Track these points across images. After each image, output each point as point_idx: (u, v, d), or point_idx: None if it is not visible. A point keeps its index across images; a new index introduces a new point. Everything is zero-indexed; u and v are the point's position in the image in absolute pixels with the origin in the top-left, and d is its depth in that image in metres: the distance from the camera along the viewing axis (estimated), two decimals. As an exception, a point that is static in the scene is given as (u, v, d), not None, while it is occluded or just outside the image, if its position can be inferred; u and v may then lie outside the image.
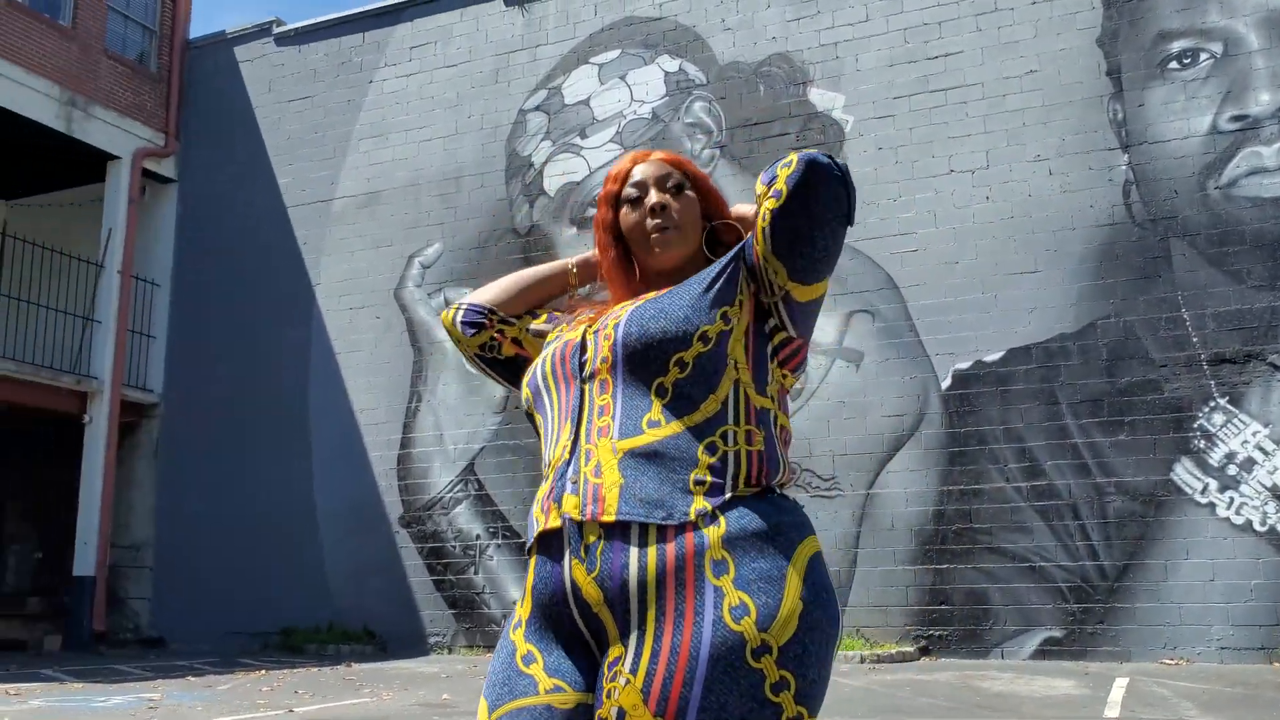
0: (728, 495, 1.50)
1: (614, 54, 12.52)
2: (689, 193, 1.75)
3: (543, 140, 12.63)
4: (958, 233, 10.61)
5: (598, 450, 1.53)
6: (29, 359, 13.46)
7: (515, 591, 11.64)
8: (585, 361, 1.60)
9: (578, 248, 12.18)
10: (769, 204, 1.56)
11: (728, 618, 1.43)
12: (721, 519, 1.48)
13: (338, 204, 13.56)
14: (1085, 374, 9.88)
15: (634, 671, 1.44)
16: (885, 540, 10.27)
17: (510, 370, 1.87)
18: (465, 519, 11.98)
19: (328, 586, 12.36)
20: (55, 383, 13.22)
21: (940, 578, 10.01)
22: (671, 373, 1.53)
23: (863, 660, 9.42)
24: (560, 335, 1.73)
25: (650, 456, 1.50)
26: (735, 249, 1.65)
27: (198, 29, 16.05)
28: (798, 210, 1.54)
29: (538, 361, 1.71)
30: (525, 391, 1.72)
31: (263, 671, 9.68)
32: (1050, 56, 10.59)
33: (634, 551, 1.46)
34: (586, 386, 1.59)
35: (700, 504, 1.48)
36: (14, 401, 13.41)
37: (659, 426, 1.52)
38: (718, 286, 1.59)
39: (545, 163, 12.54)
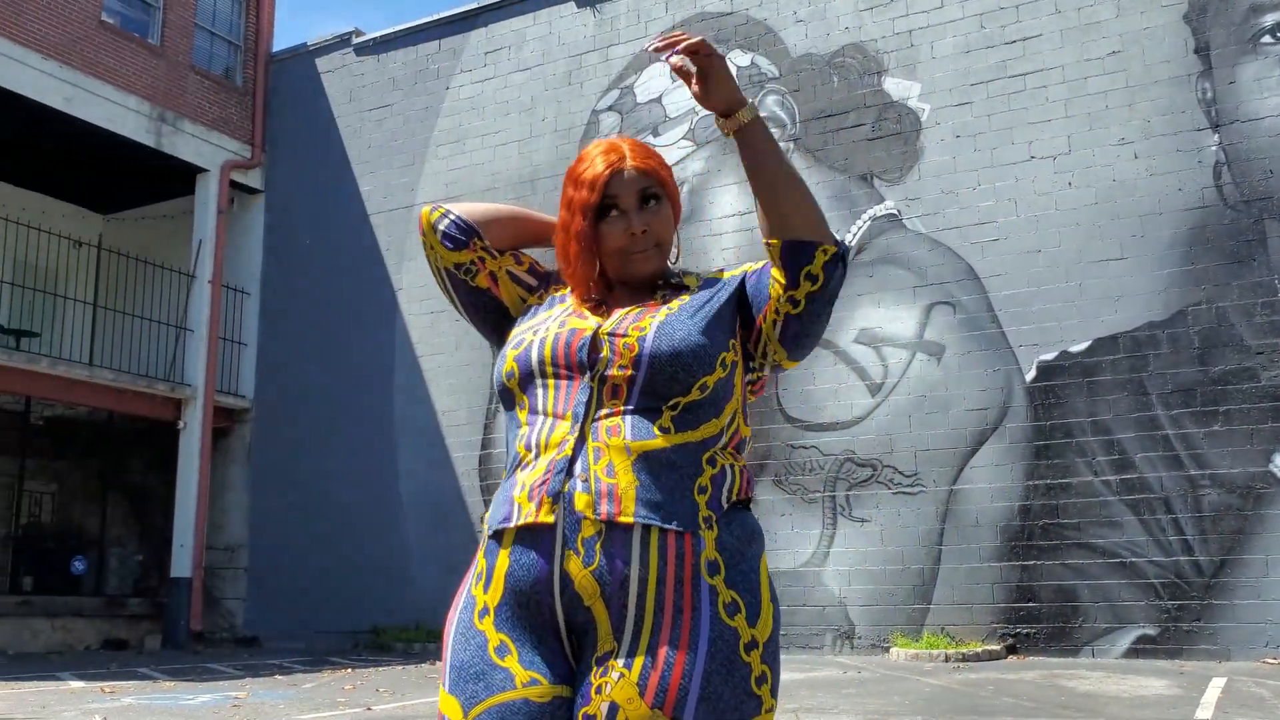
0: (725, 505, 1.57)
1: (686, 51, 12.45)
2: (664, 205, 1.72)
3: (616, 140, 12.62)
4: (1039, 220, 10.33)
5: (609, 450, 1.54)
6: (126, 368, 13.93)
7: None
8: (599, 361, 1.59)
9: (652, 246, 12.15)
10: (788, 306, 1.62)
11: (723, 613, 1.50)
12: (716, 524, 1.55)
13: (418, 209, 13.73)
14: (1176, 363, 9.54)
15: (629, 666, 1.46)
16: (970, 537, 10.06)
17: (474, 300, 1.79)
18: (546, 519, 12.03)
19: (415, 585, 12.55)
20: (151, 390, 13.65)
21: (1027, 574, 9.76)
22: (693, 394, 1.57)
23: (947, 659, 9.24)
24: (554, 317, 1.69)
25: (663, 461, 1.54)
26: (735, 287, 1.70)
27: (281, 42, 16.43)
28: (820, 314, 1.66)
29: (532, 340, 1.65)
30: (512, 365, 1.65)
31: (348, 670, 9.86)
32: (1134, 36, 10.24)
33: (636, 549, 1.49)
34: (596, 386, 1.59)
35: (704, 511, 1.54)
36: (113, 409, 13.90)
37: (669, 434, 1.56)
38: (725, 317, 1.64)
39: (619, 162, 12.53)
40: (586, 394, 1.58)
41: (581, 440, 1.55)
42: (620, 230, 1.67)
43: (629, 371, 1.57)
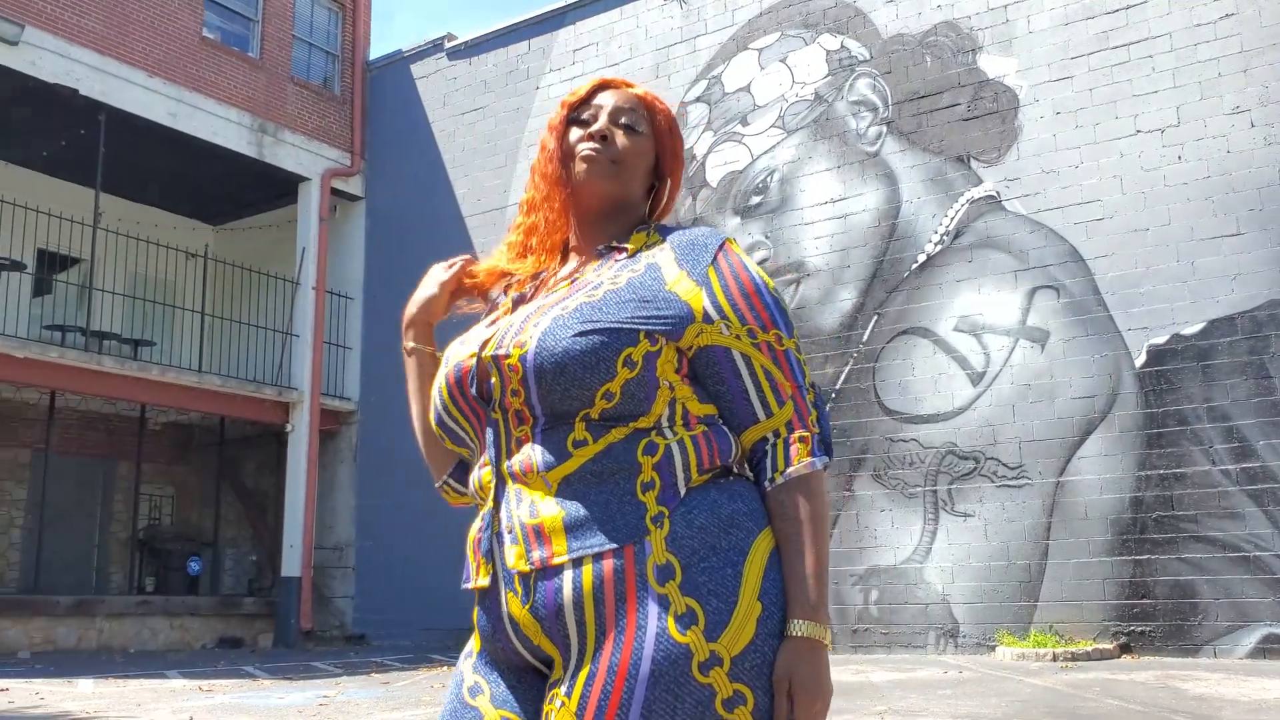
0: (683, 491, 1.34)
1: (773, 37, 12.24)
2: (643, 137, 1.53)
3: (704, 131, 12.48)
4: (1147, 198, 9.81)
5: (529, 488, 1.36)
6: (235, 373, 14.33)
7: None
8: (493, 390, 1.40)
9: (741, 238, 11.97)
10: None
11: (673, 628, 1.27)
12: (666, 518, 1.31)
13: (510, 210, 13.81)
14: (1300, 343, 8.94)
15: (569, 694, 1.29)
16: (1079, 530, 9.60)
17: None
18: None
19: (513, 585, 12.57)
20: (259, 395, 14.01)
21: (1141, 569, 9.27)
22: (598, 405, 1.34)
23: (1055, 658, 8.83)
24: (459, 343, 1.52)
25: (586, 478, 1.33)
26: (666, 296, 1.40)
27: (376, 50, 16.69)
28: None
29: (437, 382, 1.49)
30: (434, 426, 1.51)
31: (444, 667, 9.93)
32: (1247, -3, 9.64)
33: (568, 573, 1.31)
34: (499, 418, 1.40)
35: (654, 509, 1.32)
36: (224, 414, 14.31)
37: (586, 445, 1.34)
38: (646, 308, 1.38)
39: (707, 154, 12.39)
40: (493, 429, 1.41)
41: (501, 483, 1.39)
42: (581, 134, 1.53)
43: (522, 395, 1.37)
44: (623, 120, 1.52)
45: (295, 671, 9.78)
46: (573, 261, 1.54)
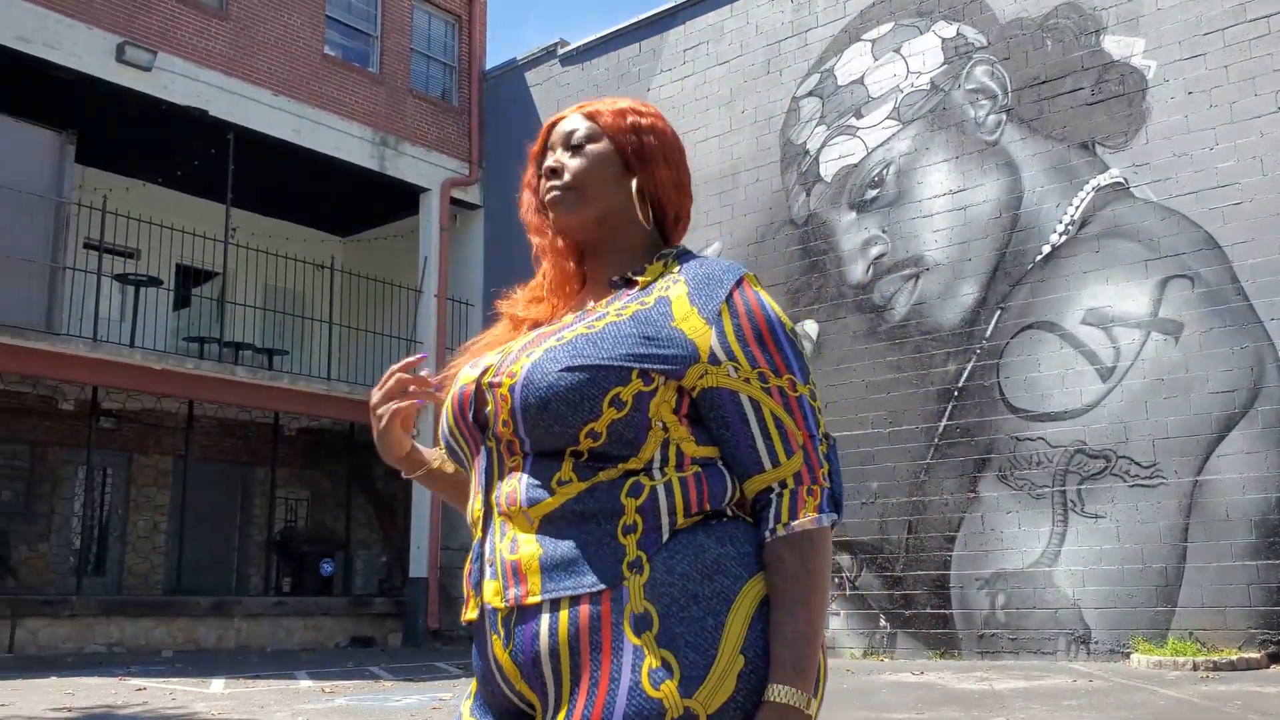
0: (666, 536, 1.25)
1: (887, 27, 11.95)
2: (597, 146, 1.44)
3: (817, 125, 12.27)
4: (1290, 177, 9.22)
5: (512, 522, 1.30)
6: (362, 380, 14.71)
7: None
8: (488, 418, 1.34)
9: (857, 233, 11.73)
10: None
11: (646, 683, 1.18)
12: (646, 563, 1.23)
13: (624, 212, 13.82)
14: None
15: None
16: (1219, 532, 9.08)
17: None
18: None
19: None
20: (384, 401, 14.33)
21: (1289, 574, 8.71)
22: (584, 443, 1.27)
23: (1195, 667, 8.37)
24: (471, 364, 1.46)
25: (567, 517, 1.26)
26: (670, 334, 1.31)
27: (492, 59, 16.93)
28: None
29: (446, 401, 1.44)
30: (441, 445, 1.46)
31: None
32: (1398, -41, 8.98)
33: (545, 621, 1.24)
34: (492, 446, 1.34)
35: (633, 553, 1.24)
36: (352, 420, 14.71)
37: (570, 484, 1.28)
38: (646, 345, 1.29)
39: (821, 148, 12.18)
40: (486, 458, 1.35)
41: (489, 514, 1.34)
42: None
43: (511, 426, 1.30)
44: (571, 142, 1.46)
45: (418, 673, 9.96)
46: (589, 292, 1.48)
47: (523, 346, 1.36)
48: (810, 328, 11.87)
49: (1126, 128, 10.19)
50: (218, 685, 8.86)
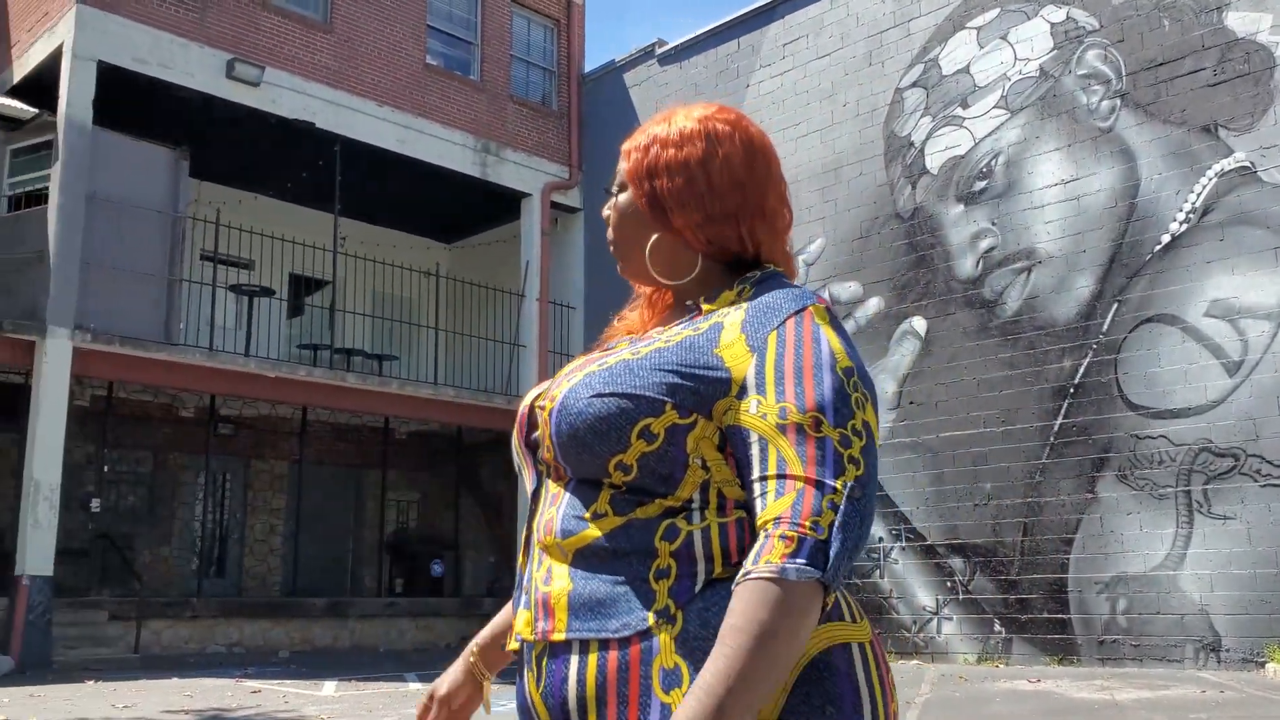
0: (700, 584, 1.14)
1: (992, 13, 11.58)
2: (625, 196, 1.35)
3: (922, 117, 11.96)
4: None
5: (549, 553, 1.22)
6: (467, 384, 14.89)
7: (923, 596, 11.07)
8: (536, 440, 1.28)
9: (965, 226, 11.41)
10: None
11: None
12: (679, 615, 1.13)
13: (725, 211, 13.69)
14: None
15: None
16: (1361, 535, 8.56)
17: None
18: (867, 520, 11.57)
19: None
20: (490, 404, 14.50)
21: None
22: (615, 475, 1.18)
23: (1336, 679, 7.89)
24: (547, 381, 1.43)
25: (600, 554, 1.18)
26: (713, 362, 1.19)
27: (591, 61, 16.98)
28: None
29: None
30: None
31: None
32: None
33: (574, 662, 1.16)
34: (542, 470, 1.28)
35: (662, 600, 1.14)
36: (459, 423, 14.89)
37: (605, 518, 1.19)
38: (683, 374, 1.18)
39: (926, 140, 11.87)
40: (536, 481, 1.29)
41: (529, 540, 1.28)
42: None
43: (551, 452, 1.24)
44: (614, 187, 1.39)
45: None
46: (675, 310, 1.39)
47: (575, 367, 1.29)
48: (918, 325, 11.58)
49: (1252, 109, 9.68)
50: (329, 687, 9.03)
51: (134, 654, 11.67)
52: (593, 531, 1.19)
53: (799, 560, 1.06)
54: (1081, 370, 10.32)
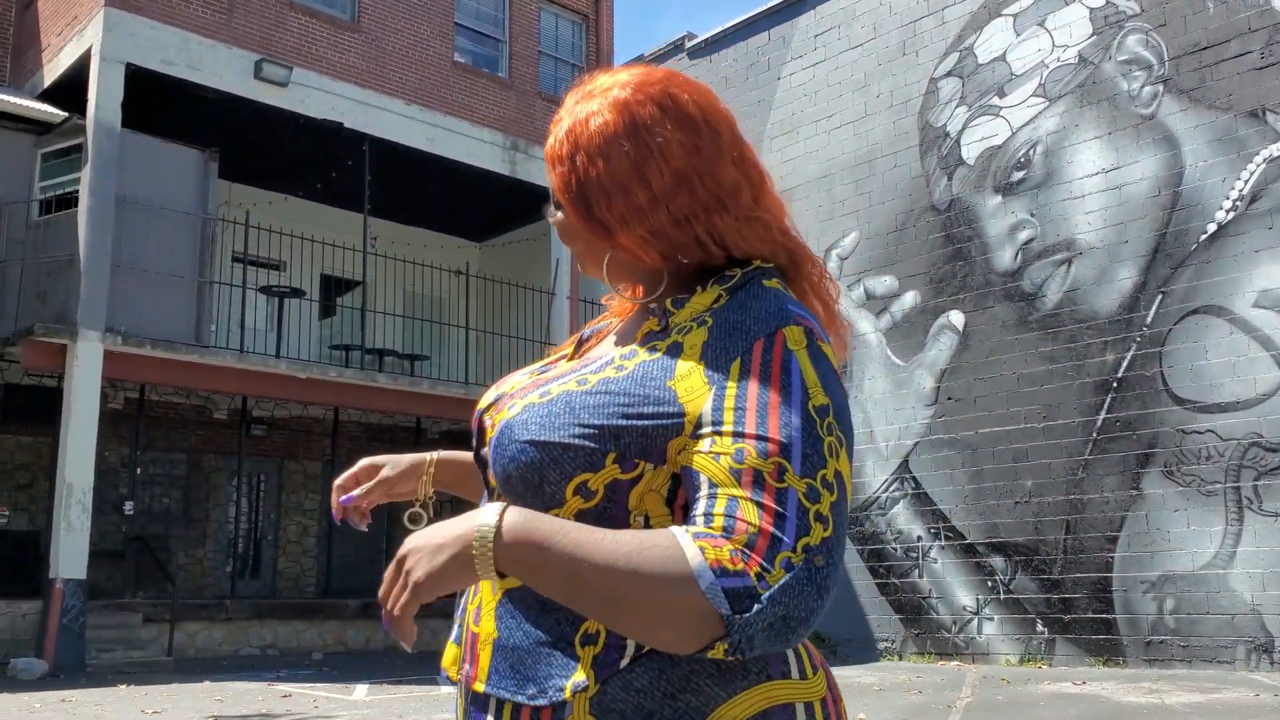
0: (629, 658, 0.98)
1: (1029, 0, 11.32)
2: (561, 213, 1.12)
3: (958, 106, 11.72)
4: None
5: (482, 586, 1.07)
6: (499, 384, 14.79)
7: (963, 596, 10.84)
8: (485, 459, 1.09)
9: (1003, 217, 11.17)
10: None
11: None
12: (604, 685, 0.98)
13: (757, 206, 13.51)
14: None
15: None
16: None
17: None
18: (904, 519, 11.36)
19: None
20: (521, 404, 14.38)
21: None
22: (565, 507, 1.02)
23: (1396, 682, 7.61)
24: (505, 379, 1.21)
25: (530, 600, 1.02)
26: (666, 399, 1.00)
27: (621, 56, 16.82)
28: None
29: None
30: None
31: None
32: None
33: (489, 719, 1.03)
34: (492, 487, 1.09)
35: (581, 672, 0.99)
36: (490, 423, 14.78)
37: None
38: (630, 416, 1.00)
39: (962, 130, 11.62)
40: (487, 499, 1.11)
41: None
42: None
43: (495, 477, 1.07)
44: (555, 201, 1.13)
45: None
46: (630, 318, 1.17)
47: (523, 384, 1.10)
48: (956, 319, 11.34)
49: (1301, 92, 9.38)
50: (361, 691, 8.95)
51: (167, 657, 11.65)
52: None
53: (726, 581, 0.88)
54: (1125, 364, 10.06)
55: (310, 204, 15.16)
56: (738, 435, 0.95)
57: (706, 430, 0.96)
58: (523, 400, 1.05)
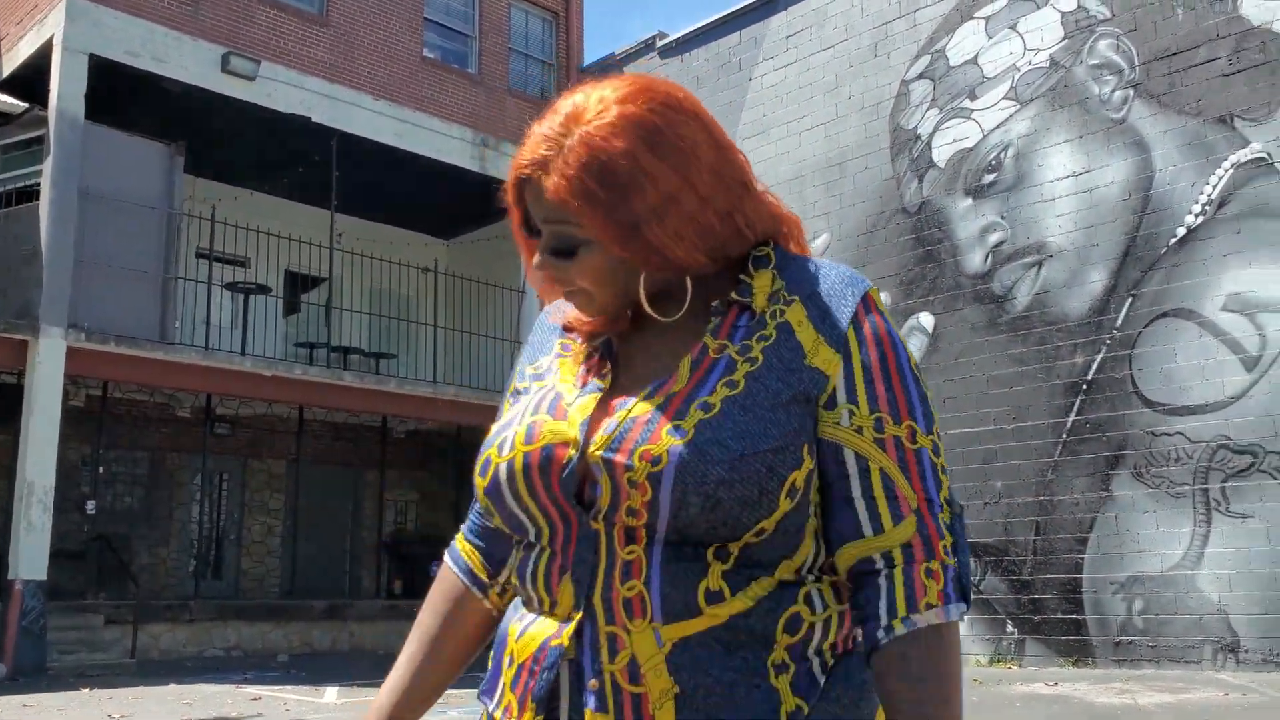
0: (821, 676, 0.99)
1: (1001, 3, 11.39)
2: (590, 251, 1.03)
3: (929, 109, 11.77)
4: None
5: (631, 637, 0.97)
6: (466, 382, 14.67)
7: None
8: (598, 499, 0.99)
9: (974, 220, 11.23)
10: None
11: None
12: (806, 708, 0.98)
13: (728, 206, 13.50)
14: None
15: None
16: (1384, 533, 8.39)
17: None
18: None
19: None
20: (490, 403, 14.28)
21: None
22: (744, 539, 0.97)
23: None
24: (534, 397, 1.10)
25: (712, 644, 0.96)
26: (809, 378, 1.00)
27: (591, 55, 16.76)
28: None
29: (502, 447, 1.06)
30: (481, 496, 1.07)
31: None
32: None
33: None
34: (599, 530, 0.99)
35: (790, 701, 0.96)
36: (459, 422, 14.69)
37: (722, 602, 0.97)
38: (800, 401, 0.99)
39: (933, 133, 11.67)
40: (587, 543, 0.99)
41: (589, 617, 0.99)
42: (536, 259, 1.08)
43: (644, 518, 0.97)
44: (559, 248, 1.04)
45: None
46: (671, 313, 1.07)
47: (648, 416, 0.99)
48: (926, 320, 11.39)
49: (1269, 99, 9.50)
50: (331, 694, 8.83)
51: (130, 659, 11.45)
52: (707, 619, 0.96)
53: (953, 598, 0.98)
54: (1095, 366, 10.14)
55: (276, 199, 14.97)
56: (873, 404, 1.00)
57: (842, 403, 1.00)
58: (684, 420, 0.97)
